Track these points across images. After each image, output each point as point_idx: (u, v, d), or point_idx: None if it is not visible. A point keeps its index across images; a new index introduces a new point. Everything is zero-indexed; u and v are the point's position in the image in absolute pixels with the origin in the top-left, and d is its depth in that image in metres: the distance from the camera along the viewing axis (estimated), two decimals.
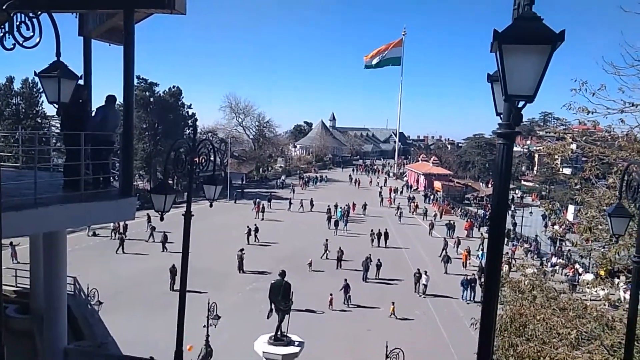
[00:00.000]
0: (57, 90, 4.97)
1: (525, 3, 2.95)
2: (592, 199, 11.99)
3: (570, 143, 14.48)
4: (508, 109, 3.16)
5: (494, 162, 3.60)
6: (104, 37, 10.15)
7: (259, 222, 46.37)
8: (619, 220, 6.57)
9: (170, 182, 51.86)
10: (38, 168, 9.26)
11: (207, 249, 34.34)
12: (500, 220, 3.41)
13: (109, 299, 21.38)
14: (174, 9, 7.82)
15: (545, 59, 2.84)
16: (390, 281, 31.26)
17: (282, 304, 18.23)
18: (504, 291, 16.14)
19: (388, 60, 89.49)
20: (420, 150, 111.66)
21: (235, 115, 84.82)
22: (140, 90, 62.33)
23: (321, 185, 75.11)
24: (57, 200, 7.27)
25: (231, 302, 25.42)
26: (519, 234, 46.19)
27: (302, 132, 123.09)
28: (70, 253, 22.18)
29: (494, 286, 3.50)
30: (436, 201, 63.44)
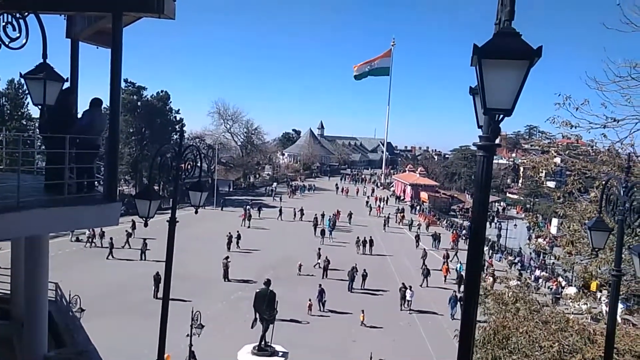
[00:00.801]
0: (43, 92, 4.93)
1: (506, 19, 3.01)
2: (575, 212, 12.15)
3: (554, 157, 14.68)
4: (487, 122, 3.22)
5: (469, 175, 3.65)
6: (92, 39, 10.07)
7: (245, 230, 46.24)
8: (598, 234, 6.68)
9: (156, 188, 51.49)
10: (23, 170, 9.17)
11: (192, 256, 34.03)
12: (480, 230, 3.45)
13: (91, 305, 21.03)
14: (162, 14, 7.80)
15: (523, 73, 2.90)
16: (375, 292, 31.22)
17: (267, 313, 18.14)
18: (487, 303, 16.25)
19: (377, 71, 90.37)
20: (408, 161, 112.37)
21: (223, 121, 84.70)
22: (128, 94, 61.88)
23: (308, 194, 75.10)
24: (40, 204, 7.15)
25: (215, 310, 25.20)
26: (503, 246, 46.53)
27: (291, 140, 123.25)
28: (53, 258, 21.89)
29: (473, 295, 3.53)
30: (422, 212, 63.75)
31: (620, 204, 6.25)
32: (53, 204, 7.26)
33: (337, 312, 27.08)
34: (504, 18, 3.04)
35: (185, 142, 56.90)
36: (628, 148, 10.84)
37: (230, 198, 63.75)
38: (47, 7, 7.60)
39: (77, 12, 8.91)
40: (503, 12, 3.05)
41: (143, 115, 62.72)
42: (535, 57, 2.85)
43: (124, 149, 60.40)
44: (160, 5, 7.75)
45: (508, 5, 3.02)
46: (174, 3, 8.04)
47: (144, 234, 34.70)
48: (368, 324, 25.80)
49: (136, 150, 62.08)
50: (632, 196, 6.14)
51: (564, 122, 11.52)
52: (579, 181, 13.16)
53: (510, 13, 3.00)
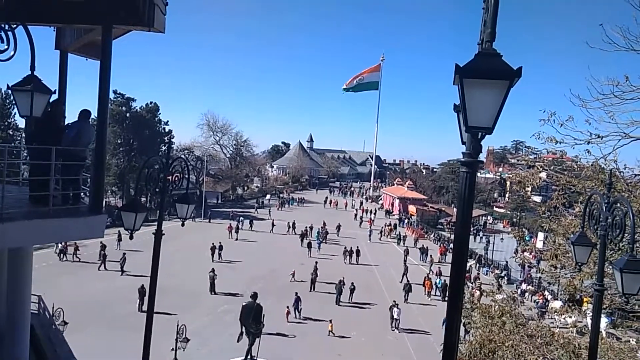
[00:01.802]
0: (30, 104, 4.92)
1: (487, 39, 3.09)
2: (559, 227, 12.28)
3: (539, 172, 14.87)
4: (470, 139, 3.29)
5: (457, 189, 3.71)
6: (81, 51, 10.08)
7: (233, 242, 46.04)
8: (581, 249, 6.77)
9: (144, 200, 51.13)
10: (7, 182, 9.07)
11: (179, 269, 33.74)
12: (463, 245, 3.50)
13: (74, 319, 20.72)
14: (152, 27, 7.84)
15: (504, 93, 2.97)
16: (362, 305, 31.12)
17: (253, 326, 18.04)
18: (474, 316, 16.30)
19: (366, 85, 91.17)
20: (396, 174, 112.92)
21: (212, 133, 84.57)
22: (117, 105, 61.68)
23: (296, 207, 75.03)
24: (24, 216, 7.08)
25: (201, 324, 24.91)
26: (490, 259, 46.76)
27: (280, 153, 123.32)
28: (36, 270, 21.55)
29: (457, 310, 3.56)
30: (410, 225, 63.93)
31: (603, 219, 6.35)
32: (37, 216, 7.19)
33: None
34: (486, 39, 3.12)
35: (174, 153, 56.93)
36: (611, 164, 11.02)
37: (219, 210, 63.40)
38: (37, 19, 7.60)
39: (67, 25, 8.92)
40: (485, 32, 3.14)
41: (131, 126, 62.52)
42: (516, 77, 2.93)
43: (112, 160, 60.03)
44: (150, 19, 7.80)
45: (489, 26, 3.10)
46: (164, 16, 8.09)
47: (130, 246, 34.35)
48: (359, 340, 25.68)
49: (124, 161, 61.76)
50: (613, 212, 6.25)
51: (549, 138, 11.70)
52: (563, 196, 13.35)
53: (492, 34, 3.09)
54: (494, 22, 3.08)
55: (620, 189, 10.49)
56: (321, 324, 26.51)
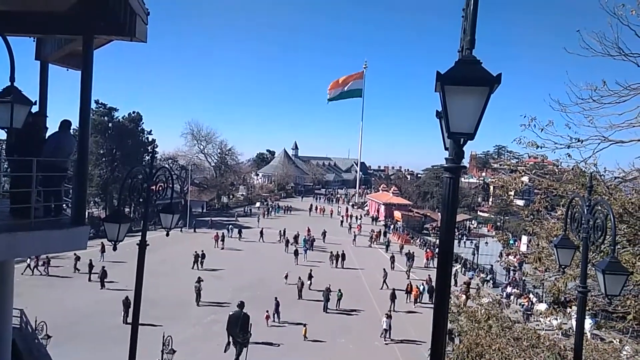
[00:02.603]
0: (10, 115, 4.85)
1: (467, 47, 3.14)
2: (542, 230, 12.44)
3: (521, 176, 15.06)
4: (452, 145, 3.33)
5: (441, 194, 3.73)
6: (62, 61, 9.97)
7: (219, 252, 45.73)
8: (564, 252, 6.87)
9: (127, 210, 50.53)
10: None
11: (164, 280, 33.38)
12: (448, 250, 3.53)
13: (58, 332, 20.30)
14: (134, 37, 7.81)
15: (484, 99, 3.02)
16: (350, 312, 31.06)
17: (240, 336, 17.93)
18: (460, 320, 16.41)
19: (350, 93, 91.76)
20: (381, 180, 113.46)
21: (196, 142, 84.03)
22: (99, 115, 61.02)
23: (282, 215, 74.86)
24: (5, 229, 6.96)
25: (188, 335, 24.61)
26: (475, 263, 47.09)
27: (265, 161, 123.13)
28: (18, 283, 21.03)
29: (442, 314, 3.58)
30: (396, 231, 64.16)
31: (584, 222, 6.46)
32: (19, 229, 7.07)
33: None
34: (465, 46, 3.17)
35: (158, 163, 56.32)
36: (592, 167, 11.21)
37: (204, 219, 62.92)
38: (17, 29, 7.52)
39: (47, 35, 8.84)
40: (464, 40, 3.20)
41: (114, 136, 61.89)
42: (495, 83, 2.98)
43: (94, 170, 59.27)
44: (132, 29, 7.77)
45: (469, 34, 3.15)
46: (145, 26, 8.06)
47: (114, 258, 33.87)
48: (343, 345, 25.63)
49: (107, 172, 61.03)
50: (595, 214, 6.36)
51: (530, 143, 11.86)
52: (545, 199, 13.55)
53: (471, 42, 3.14)
54: (473, 30, 3.14)
55: (601, 192, 10.67)
56: (310, 331, 26.36)
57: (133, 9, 7.74)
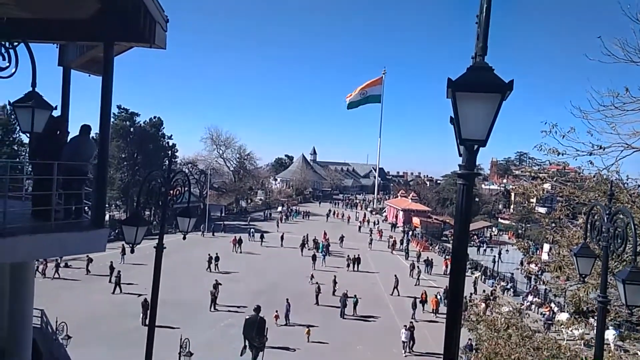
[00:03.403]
0: (31, 120, 4.98)
1: (479, 54, 3.12)
2: (563, 238, 12.22)
3: (542, 183, 14.83)
4: (465, 151, 3.30)
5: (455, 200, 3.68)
6: (84, 67, 10.20)
7: (236, 255, 46.02)
8: (584, 260, 6.73)
9: (147, 214, 51.21)
10: (10, 196, 9.11)
11: (183, 282, 33.69)
12: (461, 257, 3.48)
13: (78, 332, 20.63)
14: (153, 43, 7.95)
15: (496, 106, 2.99)
16: (367, 318, 30.88)
17: (257, 340, 17.96)
18: (480, 329, 16.18)
19: (368, 99, 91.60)
20: (400, 186, 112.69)
21: (216, 147, 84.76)
22: (121, 120, 62.11)
23: (300, 220, 74.94)
24: (26, 230, 7.12)
25: (205, 338, 24.74)
26: (495, 271, 46.44)
27: (283, 166, 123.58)
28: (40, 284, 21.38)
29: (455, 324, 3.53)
30: (415, 237, 63.66)
31: (605, 230, 6.32)
32: (39, 230, 7.22)
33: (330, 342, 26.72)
34: (477, 53, 3.14)
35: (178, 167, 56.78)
36: (614, 175, 10.98)
37: (222, 223, 63.38)
38: (39, 36, 7.71)
39: (69, 42, 9.04)
40: (477, 46, 3.17)
41: (135, 140, 62.85)
42: (507, 90, 2.95)
43: (116, 174, 60.28)
44: (152, 35, 7.91)
45: (481, 40, 3.13)
46: (164, 33, 8.20)
47: (133, 260, 34.32)
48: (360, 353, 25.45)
49: (128, 175, 61.93)
50: (615, 222, 6.22)
51: (551, 150, 11.69)
52: (567, 207, 13.31)
53: (483, 48, 3.11)
54: (485, 36, 3.11)
55: (623, 200, 10.45)
56: (327, 337, 26.30)
57: (152, 16, 7.88)
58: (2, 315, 8.52)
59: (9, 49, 4.58)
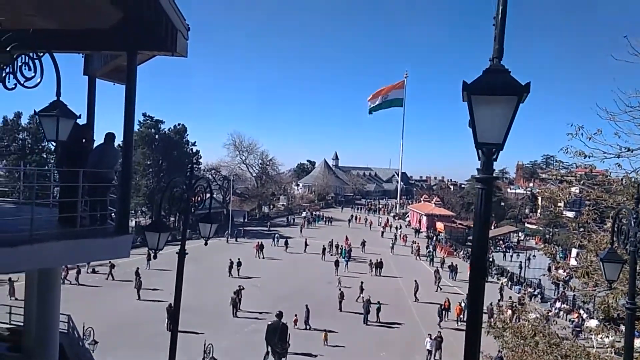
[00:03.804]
0: (56, 128, 5.12)
1: (495, 56, 3.07)
2: (590, 243, 11.93)
3: (569, 186, 14.53)
4: (483, 155, 3.25)
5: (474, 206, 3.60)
6: (109, 76, 10.44)
7: (259, 261, 46.27)
8: (611, 266, 6.55)
9: (172, 220, 51.88)
10: (38, 204, 9.37)
11: (207, 288, 33.97)
12: (480, 263, 3.42)
13: (104, 338, 20.98)
14: (175, 52, 8.09)
15: (512, 109, 2.93)
16: (391, 325, 30.61)
17: (279, 346, 18.01)
18: (506, 336, 15.86)
19: (390, 102, 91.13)
20: (423, 191, 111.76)
21: (238, 153, 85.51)
22: (146, 128, 63.27)
23: (322, 225, 74.85)
24: (53, 237, 7.29)
25: (228, 343, 24.88)
26: (522, 277, 45.56)
27: (305, 171, 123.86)
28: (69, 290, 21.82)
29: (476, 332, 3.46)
30: (438, 242, 62.97)
31: (632, 234, 6.14)
32: (65, 237, 7.39)
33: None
34: (494, 55, 3.10)
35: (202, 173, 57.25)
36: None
37: (242, 229, 63.82)
38: (64, 46, 7.93)
39: (93, 51, 9.26)
40: (493, 49, 3.12)
41: (161, 147, 63.91)
42: (524, 92, 2.89)
43: (141, 180, 61.36)
44: (173, 44, 8.05)
45: (497, 42, 3.08)
46: (186, 41, 8.33)
47: (158, 266, 34.80)
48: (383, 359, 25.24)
49: (153, 182, 62.95)
50: None
51: (577, 152, 11.47)
52: (594, 211, 12.99)
53: (499, 50, 3.07)
54: (501, 39, 3.07)
55: None
56: (350, 343, 26.17)
57: (174, 25, 8.03)
58: (30, 320, 8.73)
59: (34, 60, 4.71)
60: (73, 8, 7.82)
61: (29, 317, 9.57)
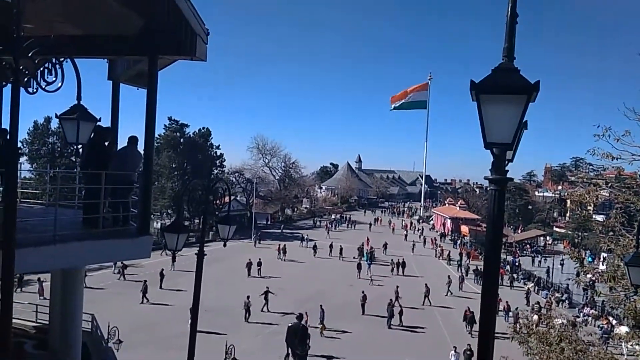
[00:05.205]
0: (76, 131, 5.24)
1: (504, 55, 3.02)
2: (617, 247, 11.63)
3: (598, 189, 14.19)
4: (495, 155, 3.19)
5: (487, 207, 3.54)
6: (132, 81, 10.66)
7: (280, 263, 46.50)
8: (636, 270, 6.36)
9: (196, 222, 52.50)
10: (65, 205, 9.61)
11: (230, 289, 34.20)
12: (493, 267, 3.35)
13: (129, 337, 21.35)
14: (194, 56, 8.23)
15: (522, 108, 2.88)
16: (415, 329, 30.29)
17: (299, 348, 18.03)
18: (531, 342, 15.55)
19: (414, 104, 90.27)
20: (447, 194, 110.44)
21: (262, 156, 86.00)
22: (171, 131, 64.29)
23: (345, 229, 74.57)
24: (75, 237, 7.47)
25: (250, 344, 25.03)
26: (549, 282, 44.62)
27: (328, 174, 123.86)
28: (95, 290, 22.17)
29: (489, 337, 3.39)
30: (463, 246, 62.12)
31: None
32: (87, 238, 7.57)
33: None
34: (503, 54, 3.05)
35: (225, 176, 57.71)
36: None
37: (268, 231, 64.11)
38: (86, 52, 8.14)
39: (116, 57, 9.47)
40: (503, 47, 3.07)
41: (185, 151, 64.81)
42: (534, 91, 2.84)
43: (167, 183, 62.33)
44: (193, 49, 8.20)
45: (506, 41, 3.03)
46: (205, 46, 8.46)
47: (182, 267, 35.27)
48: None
49: (178, 184, 63.84)
50: None
51: (605, 154, 11.22)
52: (622, 214, 12.65)
53: (509, 49, 3.02)
54: (511, 38, 3.01)
55: None
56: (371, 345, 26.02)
57: (194, 30, 8.17)
58: (55, 319, 8.95)
59: (55, 65, 4.84)
60: (97, 15, 8.03)
61: (54, 315, 9.81)
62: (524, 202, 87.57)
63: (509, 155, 3.69)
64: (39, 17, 7.40)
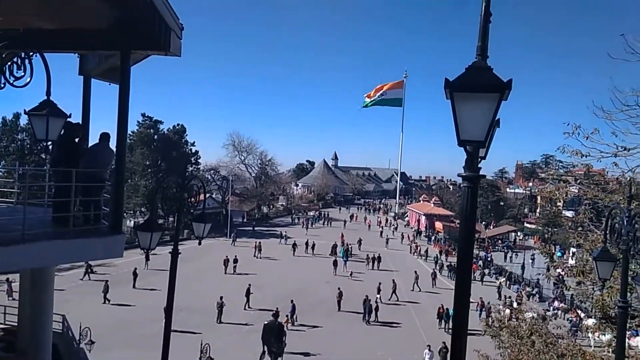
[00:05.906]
0: (45, 127, 5.11)
1: (478, 54, 3.06)
2: (586, 242, 11.94)
3: (567, 186, 14.54)
4: (468, 153, 3.24)
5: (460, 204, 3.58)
6: (104, 76, 10.40)
7: (256, 261, 46.30)
8: (604, 265, 6.56)
9: (171, 220, 51.81)
10: (34, 204, 9.35)
11: (206, 288, 33.87)
12: (466, 263, 3.41)
13: (101, 338, 20.98)
14: (169, 51, 8.08)
15: (494, 106, 2.93)
16: (391, 324, 30.58)
17: (275, 345, 18.02)
18: (502, 336, 15.89)
19: (388, 101, 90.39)
20: (422, 191, 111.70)
21: (238, 153, 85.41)
22: (145, 128, 63.21)
23: (320, 226, 74.63)
24: (45, 236, 7.28)
25: (225, 343, 24.84)
26: (520, 277, 45.59)
27: (305, 171, 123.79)
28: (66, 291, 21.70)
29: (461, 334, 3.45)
30: (437, 242, 62.99)
31: (624, 233, 6.14)
32: (58, 236, 7.38)
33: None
34: (477, 53, 3.10)
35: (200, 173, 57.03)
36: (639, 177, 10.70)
37: (244, 229, 63.70)
38: (56, 46, 7.91)
39: (88, 51, 9.25)
40: (476, 46, 3.12)
41: (159, 148, 63.83)
42: (506, 89, 2.89)
43: (140, 181, 61.29)
44: (167, 44, 8.05)
45: (480, 40, 3.08)
46: (180, 41, 8.33)
47: (157, 266, 34.76)
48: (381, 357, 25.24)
49: (152, 182, 62.89)
50: (635, 225, 6.04)
51: (574, 152, 11.46)
52: (590, 210, 13.01)
53: (482, 48, 3.06)
54: (484, 37, 3.06)
55: None
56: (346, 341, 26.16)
57: (168, 25, 8.02)
58: (24, 320, 8.72)
59: (24, 59, 4.71)
60: (68, 7, 7.81)
61: (23, 317, 9.56)
62: (496, 198, 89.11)
63: (482, 153, 3.76)
64: (7, 9, 7.17)
